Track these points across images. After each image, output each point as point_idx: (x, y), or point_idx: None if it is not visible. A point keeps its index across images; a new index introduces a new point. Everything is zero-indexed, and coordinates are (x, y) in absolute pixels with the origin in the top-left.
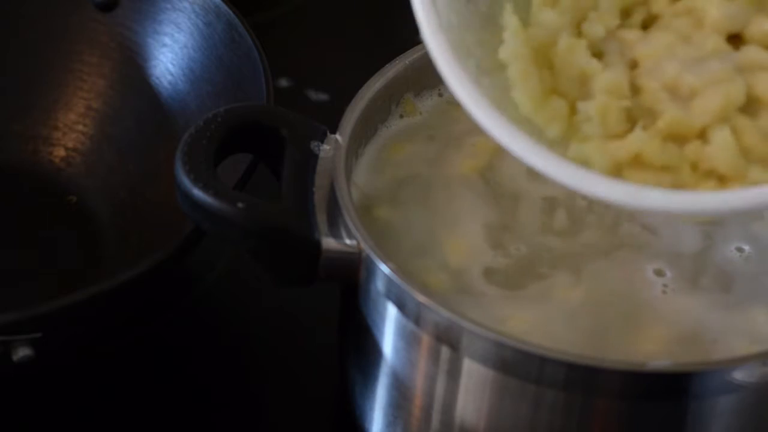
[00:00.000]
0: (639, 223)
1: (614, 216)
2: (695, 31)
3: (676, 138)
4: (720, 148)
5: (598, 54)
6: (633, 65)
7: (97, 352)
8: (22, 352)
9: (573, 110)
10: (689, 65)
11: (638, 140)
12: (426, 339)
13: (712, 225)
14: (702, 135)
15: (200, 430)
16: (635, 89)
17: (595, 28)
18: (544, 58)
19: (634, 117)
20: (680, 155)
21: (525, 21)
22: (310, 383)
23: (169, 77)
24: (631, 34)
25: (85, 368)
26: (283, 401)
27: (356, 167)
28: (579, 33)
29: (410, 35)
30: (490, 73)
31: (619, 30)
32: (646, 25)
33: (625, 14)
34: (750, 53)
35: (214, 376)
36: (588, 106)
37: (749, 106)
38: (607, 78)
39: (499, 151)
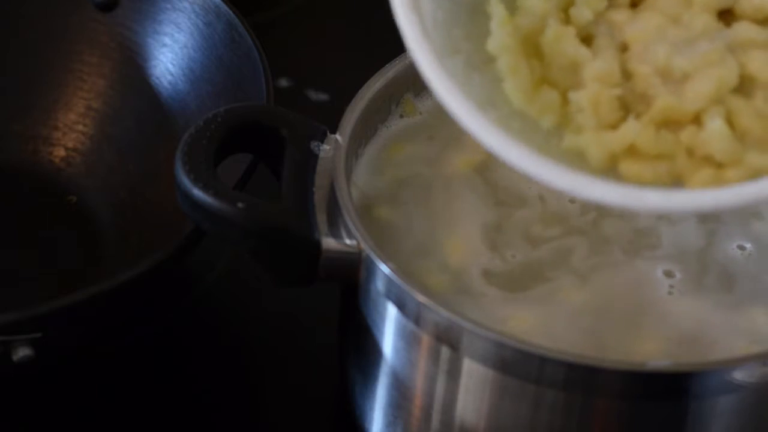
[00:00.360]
0: (643, 222)
1: (623, 215)
2: (684, 10)
3: (671, 124)
4: (714, 135)
5: (587, 37)
6: (623, 48)
7: (97, 352)
8: (22, 352)
9: (565, 100)
10: (680, 47)
11: (632, 130)
12: (426, 339)
13: (715, 223)
14: (696, 120)
15: (200, 430)
16: (627, 74)
17: (583, 13)
18: (532, 47)
19: (627, 104)
20: (675, 142)
21: (512, 9)
22: (310, 383)
23: (169, 77)
24: (620, 15)
25: (85, 368)
26: (283, 401)
27: (356, 167)
28: (567, 18)
29: None
30: (480, 67)
31: (607, 11)
32: (636, 2)
33: None
34: (741, 30)
35: (214, 376)
36: (579, 96)
37: (743, 85)
38: (598, 66)
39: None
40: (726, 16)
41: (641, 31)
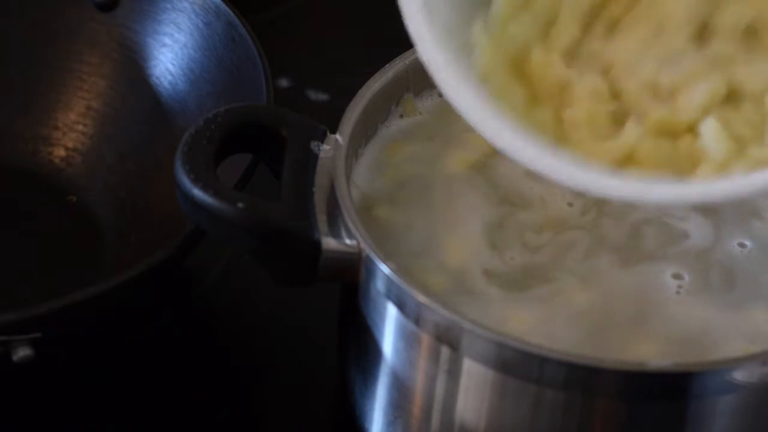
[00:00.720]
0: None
1: (627, 213)
2: (660, 32)
3: (667, 134)
4: (711, 137)
5: (572, 54)
6: (607, 69)
7: (97, 352)
8: (22, 352)
9: (559, 118)
10: (664, 64)
11: (632, 135)
12: (426, 339)
13: (714, 218)
14: (691, 129)
15: (200, 430)
16: (615, 93)
17: (562, 37)
18: (520, 68)
19: (620, 120)
20: (674, 148)
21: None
22: (310, 383)
23: (169, 77)
24: (595, 44)
25: (85, 368)
26: (283, 401)
27: (356, 167)
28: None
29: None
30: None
31: (584, 39)
32: (616, 22)
33: (593, 14)
34: (720, 48)
35: (214, 376)
36: (574, 112)
37: (730, 98)
38: (588, 82)
39: (494, 148)
40: (703, 32)
41: (622, 51)
